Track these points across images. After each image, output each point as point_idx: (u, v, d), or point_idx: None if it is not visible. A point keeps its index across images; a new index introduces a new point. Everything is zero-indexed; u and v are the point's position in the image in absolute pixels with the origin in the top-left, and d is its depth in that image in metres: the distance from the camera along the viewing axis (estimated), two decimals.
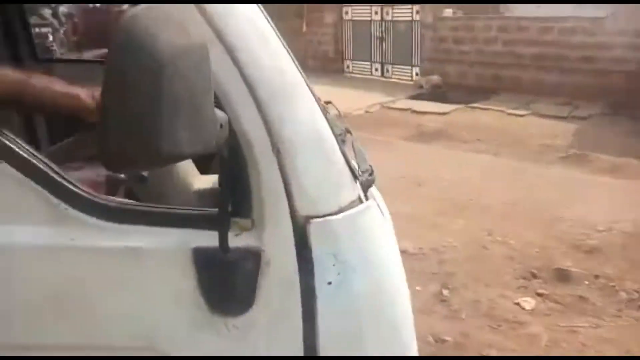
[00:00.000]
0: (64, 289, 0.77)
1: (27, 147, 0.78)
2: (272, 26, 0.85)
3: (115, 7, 6.97)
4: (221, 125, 0.72)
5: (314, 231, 0.83)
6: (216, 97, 0.77)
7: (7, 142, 0.76)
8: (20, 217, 0.76)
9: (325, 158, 0.85)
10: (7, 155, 0.75)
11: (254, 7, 0.84)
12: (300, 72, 0.86)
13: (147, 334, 0.80)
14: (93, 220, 0.78)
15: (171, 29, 0.61)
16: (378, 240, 0.91)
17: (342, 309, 0.85)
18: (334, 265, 0.84)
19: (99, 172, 1.02)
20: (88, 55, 5.32)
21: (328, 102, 1.75)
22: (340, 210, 0.85)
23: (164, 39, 0.59)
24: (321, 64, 11.71)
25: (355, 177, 0.89)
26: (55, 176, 0.77)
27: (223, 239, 0.79)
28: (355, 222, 0.87)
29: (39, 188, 0.76)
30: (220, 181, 0.78)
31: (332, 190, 0.85)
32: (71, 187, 0.78)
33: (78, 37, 8.17)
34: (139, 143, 0.59)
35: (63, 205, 0.77)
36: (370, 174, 1.14)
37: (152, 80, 0.58)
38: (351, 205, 0.87)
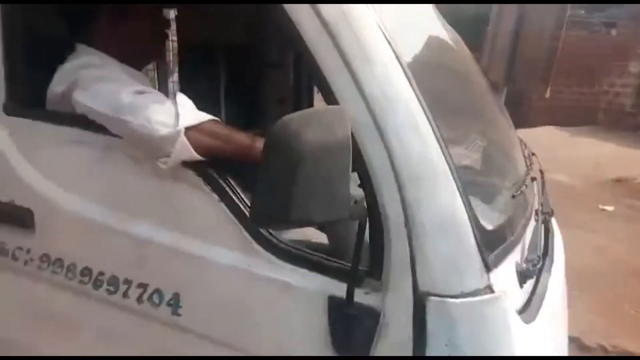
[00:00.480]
0: (233, 299, 1.04)
1: (239, 192, 1.08)
2: (428, 114, 0.95)
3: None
4: (355, 201, 0.88)
5: (431, 308, 0.90)
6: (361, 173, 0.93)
7: (227, 188, 1.07)
8: (221, 241, 1.07)
9: (454, 243, 0.91)
10: (225, 197, 1.07)
11: (415, 104, 0.95)
12: (447, 158, 0.93)
13: (283, 350, 1.01)
14: (267, 255, 1.03)
15: (316, 129, 0.80)
16: (499, 333, 0.91)
17: None
18: (446, 345, 0.89)
19: None
20: None
21: (533, 154, 1.70)
22: (461, 295, 0.89)
23: (306, 138, 0.79)
24: (614, 118, 10.39)
25: (487, 267, 0.91)
26: None
27: (350, 293, 0.93)
28: (475, 310, 0.90)
29: (239, 224, 1.05)
30: (356, 243, 0.93)
31: (456, 274, 0.90)
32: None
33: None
34: (275, 210, 0.80)
35: (249, 239, 1.04)
36: (535, 264, 1.11)
37: (290, 171, 0.78)
38: (475, 292, 0.90)
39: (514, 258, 1.08)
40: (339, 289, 0.96)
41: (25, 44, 1.27)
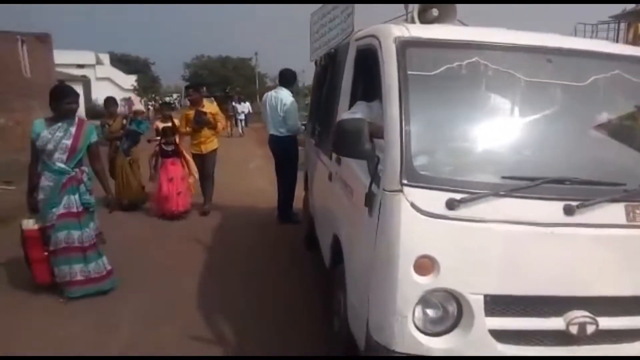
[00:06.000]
0: None
1: None
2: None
3: None
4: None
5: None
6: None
7: None
8: None
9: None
10: None
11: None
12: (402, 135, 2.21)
13: None
14: None
15: None
16: (396, 217, 2.11)
17: None
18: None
19: None
20: None
21: None
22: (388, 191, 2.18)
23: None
24: None
25: (403, 183, 2.14)
26: None
27: None
28: (391, 200, 2.15)
29: None
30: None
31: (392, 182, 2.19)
32: None
33: None
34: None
35: None
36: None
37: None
38: (394, 191, 2.15)
39: (452, 196, 2.10)
40: None
41: None
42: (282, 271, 4.85)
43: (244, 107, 21.87)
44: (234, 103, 21.81)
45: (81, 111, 28.16)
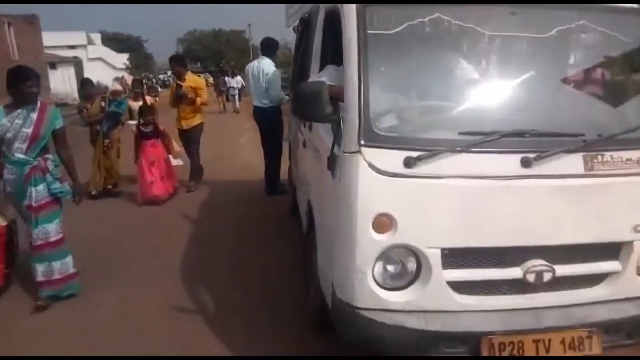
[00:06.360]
0: None
1: None
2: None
3: None
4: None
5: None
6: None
7: None
8: None
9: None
10: None
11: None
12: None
13: None
14: None
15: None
16: (353, 173, 2.13)
17: None
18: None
19: None
20: None
21: None
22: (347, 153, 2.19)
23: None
24: None
25: (361, 144, 2.15)
26: None
27: None
28: (350, 159, 2.16)
29: None
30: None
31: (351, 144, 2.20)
32: None
33: None
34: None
35: None
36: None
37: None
38: (352, 152, 2.17)
39: (409, 154, 2.10)
40: None
41: None
42: (269, 243, 4.88)
43: (237, 82, 21.45)
44: (226, 78, 21.42)
45: (74, 92, 28.02)
